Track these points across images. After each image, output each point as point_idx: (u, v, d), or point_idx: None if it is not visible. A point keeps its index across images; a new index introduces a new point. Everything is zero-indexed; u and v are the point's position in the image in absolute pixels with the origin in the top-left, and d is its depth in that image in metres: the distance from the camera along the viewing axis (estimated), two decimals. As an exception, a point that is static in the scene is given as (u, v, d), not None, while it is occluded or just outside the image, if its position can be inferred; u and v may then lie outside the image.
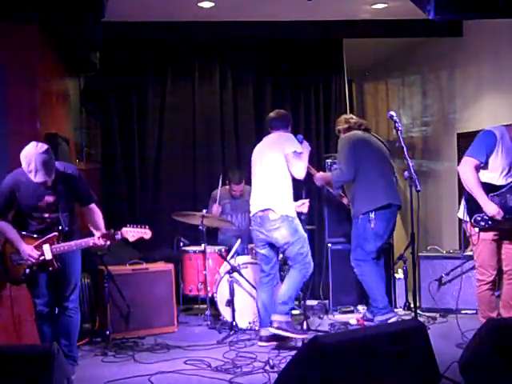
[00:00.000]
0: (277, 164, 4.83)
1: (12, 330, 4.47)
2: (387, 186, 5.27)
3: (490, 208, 4.34)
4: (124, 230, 4.16)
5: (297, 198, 5.03)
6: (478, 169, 4.43)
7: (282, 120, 5.05)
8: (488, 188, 4.40)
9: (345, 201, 5.74)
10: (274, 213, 4.77)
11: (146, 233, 4.22)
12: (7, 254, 4.08)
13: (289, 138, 4.90)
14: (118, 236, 4.14)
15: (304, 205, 5.05)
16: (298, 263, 4.79)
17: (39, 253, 4.00)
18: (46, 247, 4.01)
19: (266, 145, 5.00)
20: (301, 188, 5.05)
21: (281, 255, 5.15)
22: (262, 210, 4.83)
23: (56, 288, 4.16)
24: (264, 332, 4.87)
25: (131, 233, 4.17)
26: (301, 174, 4.81)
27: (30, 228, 4.06)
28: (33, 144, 3.84)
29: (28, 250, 3.99)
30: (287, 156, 4.79)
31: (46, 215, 4.03)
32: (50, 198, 4.01)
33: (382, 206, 5.18)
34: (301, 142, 4.91)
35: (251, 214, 4.96)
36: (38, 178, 3.81)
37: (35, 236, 4.04)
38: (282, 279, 5.17)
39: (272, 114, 5.11)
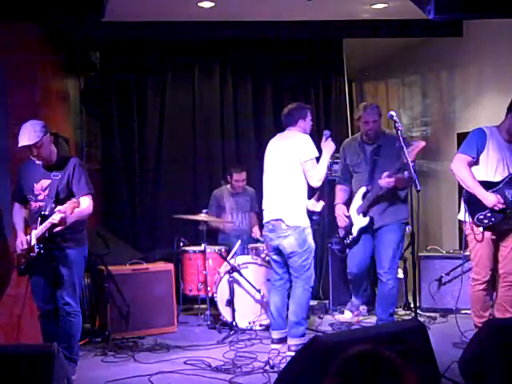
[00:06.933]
0: (292, 170, 4.66)
1: (12, 330, 4.47)
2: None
3: (489, 199, 4.34)
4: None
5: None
6: (470, 166, 4.47)
7: (290, 116, 4.81)
8: (485, 186, 4.42)
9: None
10: (286, 224, 4.67)
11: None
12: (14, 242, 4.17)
13: (304, 142, 4.66)
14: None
15: (318, 204, 4.86)
16: (299, 276, 4.70)
17: (26, 245, 4.02)
18: (33, 233, 4.04)
19: (281, 146, 4.79)
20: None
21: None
22: (275, 220, 4.72)
23: (54, 287, 4.13)
24: (276, 335, 4.78)
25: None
26: (318, 183, 4.65)
27: (32, 212, 4.13)
28: None
29: (18, 239, 4.07)
30: (304, 165, 4.62)
31: (41, 198, 4.08)
32: (45, 182, 4.08)
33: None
34: (326, 138, 4.73)
35: (264, 221, 4.84)
36: (20, 141, 3.93)
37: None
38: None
39: (284, 110, 4.90)
